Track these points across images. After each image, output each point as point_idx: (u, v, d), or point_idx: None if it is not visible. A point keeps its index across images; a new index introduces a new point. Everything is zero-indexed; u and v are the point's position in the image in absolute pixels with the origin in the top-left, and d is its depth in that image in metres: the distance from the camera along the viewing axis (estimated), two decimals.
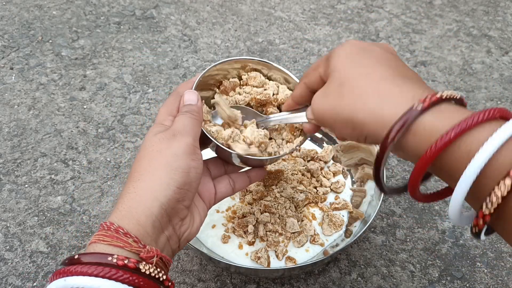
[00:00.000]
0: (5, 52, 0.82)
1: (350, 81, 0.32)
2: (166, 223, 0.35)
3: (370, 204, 0.55)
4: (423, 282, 0.54)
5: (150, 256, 0.32)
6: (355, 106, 0.32)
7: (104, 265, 0.30)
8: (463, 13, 0.93)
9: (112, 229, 0.32)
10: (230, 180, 0.45)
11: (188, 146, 0.36)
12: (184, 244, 0.39)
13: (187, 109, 0.39)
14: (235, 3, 0.94)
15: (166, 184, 0.34)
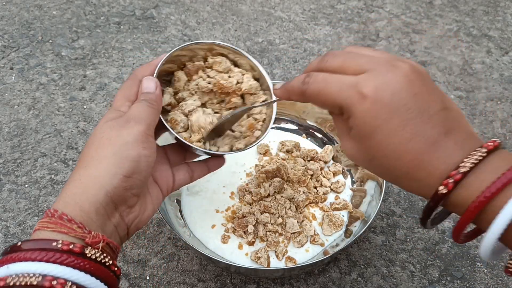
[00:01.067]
0: (5, 52, 0.82)
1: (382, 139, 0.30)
2: (112, 210, 0.35)
3: (370, 204, 0.55)
4: (423, 282, 0.54)
5: (95, 241, 0.32)
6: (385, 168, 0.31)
7: (48, 250, 0.30)
8: (463, 13, 0.93)
9: (55, 216, 0.32)
10: (188, 169, 0.44)
11: (140, 133, 0.36)
12: (134, 231, 0.38)
13: (144, 97, 0.38)
14: (235, 3, 0.94)
15: (113, 173, 0.34)
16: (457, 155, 0.28)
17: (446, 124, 0.29)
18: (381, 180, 0.55)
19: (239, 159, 0.63)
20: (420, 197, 0.62)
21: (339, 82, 0.31)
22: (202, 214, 0.56)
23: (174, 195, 0.58)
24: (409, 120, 0.29)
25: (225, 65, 0.46)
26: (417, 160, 0.29)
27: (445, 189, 0.28)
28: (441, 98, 0.30)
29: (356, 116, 0.30)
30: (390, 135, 0.29)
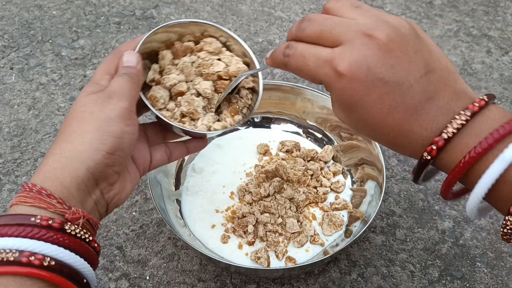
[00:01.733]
0: (5, 52, 0.82)
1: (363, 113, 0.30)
2: (93, 186, 0.34)
3: (370, 204, 0.55)
4: (423, 282, 0.54)
5: (75, 217, 0.31)
6: (371, 136, 0.32)
7: (26, 225, 0.29)
8: (463, 13, 0.93)
9: (34, 190, 0.31)
10: (167, 149, 0.43)
11: (123, 110, 0.35)
12: (112, 209, 0.37)
13: (125, 71, 0.37)
14: (235, 3, 0.94)
15: (95, 148, 0.33)
16: (440, 121, 0.28)
17: (428, 89, 0.29)
18: (381, 180, 0.55)
19: (239, 159, 0.63)
20: (420, 197, 0.62)
21: (315, 58, 0.31)
22: (202, 214, 0.56)
23: (174, 195, 0.58)
24: (386, 94, 0.29)
25: (216, 45, 0.45)
26: (398, 130, 0.29)
27: (429, 155, 0.28)
28: (424, 61, 0.29)
29: (335, 92, 0.31)
30: (368, 110, 0.30)
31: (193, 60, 0.44)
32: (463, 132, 0.27)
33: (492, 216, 0.60)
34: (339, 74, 0.29)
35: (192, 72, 0.44)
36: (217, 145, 0.65)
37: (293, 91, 0.64)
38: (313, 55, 0.31)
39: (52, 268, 0.28)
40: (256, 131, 0.67)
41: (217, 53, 0.45)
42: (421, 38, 0.30)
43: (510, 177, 0.26)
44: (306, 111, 0.66)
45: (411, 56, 0.29)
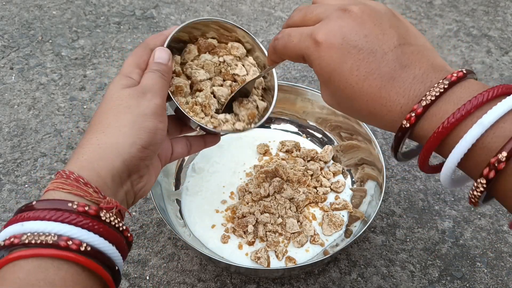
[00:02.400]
0: (5, 52, 0.82)
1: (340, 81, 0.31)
2: (125, 178, 0.35)
3: (370, 204, 0.55)
4: (423, 282, 0.54)
5: (110, 207, 0.32)
6: (351, 109, 0.32)
7: (64, 210, 0.30)
8: (463, 13, 0.93)
9: (71, 178, 0.32)
10: (187, 142, 0.45)
11: (157, 107, 0.36)
12: (138, 199, 0.39)
13: (157, 67, 0.39)
14: (235, 3, 0.94)
15: (131, 142, 0.34)
16: (417, 89, 0.29)
17: (403, 59, 0.29)
18: (381, 180, 0.55)
19: (239, 159, 0.63)
20: (420, 197, 0.62)
21: (299, 34, 0.33)
22: (202, 214, 0.56)
23: (174, 195, 0.58)
24: (361, 60, 0.30)
25: (242, 51, 0.46)
26: (376, 97, 0.30)
27: (407, 122, 0.28)
28: (399, 34, 0.30)
29: (314, 63, 0.32)
30: (345, 77, 0.30)
31: (214, 60, 0.46)
32: (442, 100, 0.28)
33: (492, 216, 0.61)
34: (317, 43, 0.31)
35: (212, 70, 0.45)
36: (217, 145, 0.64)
37: (293, 91, 0.64)
38: (298, 33, 0.33)
39: (88, 253, 0.29)
40: (256, 131, 0.67)
41: (241, 58, 0.46)
42: (398, 18, 0.32)
43: (487, 143, 0.26)
44: (306, 111, 0.66)
45: (385, 28, 0.31)
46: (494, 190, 0.26)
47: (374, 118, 0.31)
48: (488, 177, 0.25)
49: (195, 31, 0.45)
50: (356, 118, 0.34)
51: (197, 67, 0.45)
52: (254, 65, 0.47)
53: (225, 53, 0.46)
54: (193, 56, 0.45)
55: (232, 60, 0.46)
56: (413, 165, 0.66)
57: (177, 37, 0.44)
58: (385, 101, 0.30)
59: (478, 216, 0.60)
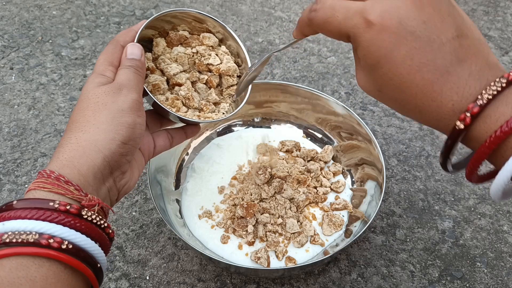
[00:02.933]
0: (5, 52, 0.82)
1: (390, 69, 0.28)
2: (107, 175, 0.35)
3: (370, 204, 0.55)
4: (423, 282, 0.54)
5: (91, 204, 0.32)
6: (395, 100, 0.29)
7: (45, 209, 0.30)
8: None
9: (52, 177, 0.32)
10: (168, 135, 0.45)
11: (134, 102, 0.37)
12: (122, 196, 0.39)
13: (130, 63, 0.39)
14: (235, 3, 0.94)
15: (111, 138, 0.35)
16: (472, 86, 0.26)
17: (460, 52, 0.27)
18: (381, 180, 0.55)
19: (238, 159, 0.63)
20: (420, 197, 0.62)
21: (345, 9, 0.29)
22: (202, 214, 0.56)
23: (174, 195, 0.58)
24: (417, 49, 0.27)
25: (214, 39, 0.47)
26: (427, 91, 0.27)
27: (462, 123, 0.26)
28: (457, 24, 0.28)
29: (362, 45, 0.29)
30: (397, 66, 0.28)
31: (188, 52, 0.46)
32: (499, 101, 0.25)
33: (492, 216, 0.61)
34: (369, 23, 0.28)
35: (186, 62, 0.46)
36: (217, 145, 0.65)
37: (293, 91, 0.64)
38: (343, 7, 0.30)
39: (70, 251, 0.29)
40: (256, 131, 0.67)
41: (214, 47, 0.46)
42: (454, 5, 0.29)
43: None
44: (306, 111, 0.66)
45: (444, 16, 0.28)
46: None
47: (420, 113, 0.29)
48: None
49: (165, 25, 0.46)
50: (398, 110, 0.31)
51: (170, 60, 0.45)
52: (227, 53, 0.47)
53: (197, 44, 0.46)
54: (162, 48, 0.45)
55: (205, 50, 0.46)
56: (413, 165, 0.66)
57: (146, 35, 0.44)
58: (436, 96, 0.27)
59: (478, 216, 0.60)
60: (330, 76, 0.79)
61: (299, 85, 0.64)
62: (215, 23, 0.46)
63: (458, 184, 0.64)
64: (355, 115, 0.60)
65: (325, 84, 0.78)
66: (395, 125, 0.71)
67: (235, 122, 0.67)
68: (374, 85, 0.30)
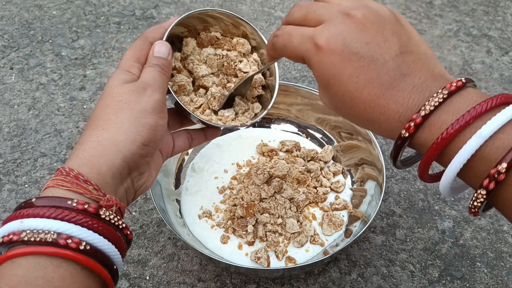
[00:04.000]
0: (5, 52, 0.82)
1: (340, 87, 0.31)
2: (126, 175, 0.35)
3: (370, 204, 0.55)
4: (423, 282, 0.54)
5: (109, 204, 0.32)
6: (349, 115, 0.32)
7: (64, 208, 0.30)
8: (463, 13, 0.93)
9: (71, 175, 0.31)
10: (188, 136, 0.44)
11: (157, 103, 0.36)
12: (139, 195, 0.39)
13: (157, 62, 0.38)
14: (235, 3, 0.94)
15: (132, 139, 0.34)
16: (416, 98, 0.29)
17: (403, 68, 0.29)
18: (381, 180, 0.55)
19: (238, 158, 0.63)
20: (420, 197, 0.62)
21: (300, 35, 0.32)
22: (201, 214, 0.56)
23: (174, 195, 0.58)
24: (362, 68, 0.30)
25: (247, 47, 0.46)
26: (374, 105, 0.30)
27: (406, 132, 0.28)
28: (401, 42, 0.30)
29: (314, 67, 0.32)
30: (345, 84, 0.30)
31: (218, 52, 0.45)
32: (440, 110, 0.28)
33: (492, 216, 0.61)
34: (318, 47, 0.31)
35: (215, 64, 0.45)
36: (217, 144, 0.65)
37: (293, 91, 0.64)
38: (298, 33, 0.33)
39: (87, 252, 0.29)
40: (256, 131, 0.67)
41: (246, 54, 0.46)
42: (401, 24, 0.32)
43: (486, 153, 0.26)
44: (306, 111, 0.66)
45: (387, 36, 0.30)
46: (494, 200, 0.26)
47: (372, 125, 0.31)
48: (488, 188, 0.25)
49: (198, 24, 0.45)
50: (354, 123, 0.34)
51: (199, 62, 0.44)
52: (257, 61, 0.46)
53: (229, 48, 0.46)
54: (191, 48, 0.44)
55: (237, 57, 0.46)
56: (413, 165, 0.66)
57: (175, 32, 0.43)
58: (383, 109, 0.29)
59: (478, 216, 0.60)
60: None
61: (299, 85, 0.64)
62: (252, 30, 0.45)
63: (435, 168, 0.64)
64: None
65: None
66: None
67: None
68: (330, 102, 0.33)
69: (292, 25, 0.34)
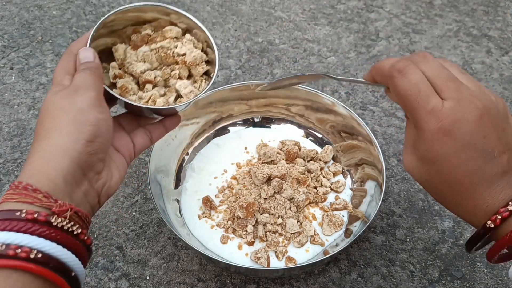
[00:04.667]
0: (5, 52, 0.82)
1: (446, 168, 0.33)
2: (80, 177, 0.35)
3: (370, 204, 0.55)
4: (423, 282, 0.54)
5: (62, 210, 0.31)
6: (439, 190, 0.35)
7: (12, 219, 0.29)
8: (463, 13, 0.93)
9: (20, 187, 0.31)
10: (146, 131, 0.44)
11: (92, 99, 0.36)
12: (105, 199, 0.38)
13: (84, 66, 0.38)
14: (235, 3, 0.94)
15: (75, 139, 0.34)
16: (507, 193, 0.32)
17: (505, 166, 0.33)
18: (381, 180, 0.54)
19: (238, 158, 0.63)
20: (420, 197, 0.62)
21: (427, 99, 0.33)
22: (201, 214, 0.56)
23: (173, 195, 0.58)
24: (474, 158, 0.32)
25: (176, 30, 0.45)
26: (470, 192, 0.33)
27: (492, 223, 0.32)
28: (508, 141, 0.33)
29: (426, 140, 0.33)
30: (454, 167, 0.33)
31: (152, 48, 0.45)
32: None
33: None
34: (440, 127, 0.32)
35: (154, 59, 0.45)
36: (216, 144, 0.65)
37: (293, 91, 0.64)
38: (426, 95, 0.33)
39: (39, 260, 0.29)
40: (256, 131, 0.67)
41: (178, 38, 0.46)
42: (508, 120, 0.35)
43: None
44: (306, 111, 0.66)
45: (500, 132, 0.33)
46: None
47: (458, 207, 0.35)
48: None
49: (128, 30, 0.45)
50: (436, 198, 0.36)
51: (136, 62, 0.44)
52: (191, 40, 0.46)
53: (162, 39, 0.45)
54: (122, 52, 0.44)
55: (169, 43, 0.45)
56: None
57: (108, 46, 0.44)
58: (476, 197, 0.33)
59: None
60: None
61: (299, 85, 0.64)
62: (178, 15, 0.45)
63: None
64: (355, 115, 0.60)
65: (325, 84, 0.78)
66: (395, 125, 0.71)
67: (235, 121, 0.67)
68: (424, 174, 0.35)
69: (422, 75, 0.34)
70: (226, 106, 0.66)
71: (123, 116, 0.45)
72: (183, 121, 0.62)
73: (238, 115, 0.67)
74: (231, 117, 0.67)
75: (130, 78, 0.44)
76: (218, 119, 0.66)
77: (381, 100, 0.75)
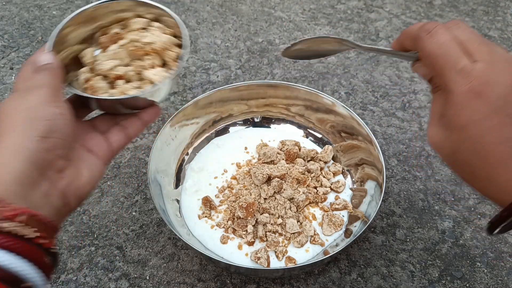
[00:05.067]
0: (5, 52, 0.82)
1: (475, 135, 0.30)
2: (37, 177, 0.32)
3: (370, 204, 0.55)
4: (423, 282, 0.54)
5: (14, 214, 0.28)
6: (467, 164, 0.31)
7: None
8: (463, 13, 0.93)
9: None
10: (120, 128, 0.42)
11: (45, 95, 0.34)
12: (76, 200, 0.36)
13: (43, 68, 0.36)
14: (235, 3, 0.94)
15: (28, 137, 0.32)
16: None
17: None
18: (381, 180, 0.54)
19: (238, 158, 0.63)
20: (420, 197, 0.62)
21: (457, 58, 0.31)
22: (201, 214, 0.56)
23: (173, 195, 0.58)
24: (507, 124, 0.29)
25: (142, 21, 0.44)
26: (504, 163, 0.29)
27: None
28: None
29: (455, 104, 0.30)
30: (484, 133, 0.29)
31: (122, 44, 0.43)
32: None
33: (492, 216, 0.60)
34: (472, 88, 0.30)
35: (124, 55, 0.43)
36: (217, 144, 0.65)
37: (293, 91, 0.64)
38: (456, 55, 0.31)
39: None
40: (256, 131, 0.67)
41: (146, 28, 0.44)
42: None
43: None
44: (306, 111, 0.66)
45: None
46: None
47: (488, 182, 0.31)
48: None
49: (97, 32, 0.44)
50: (464, 174, 0.33)
51: (105, 61, 0.43)
52: (161, 27, 0.44)
53: (128, 33, 0.44)
54: (90, 56, 0.43)
55: (137, 35, 0.43)
56: (413, 165, 0.66)
57: (75, 54, 0.43)
58: (509, 170, 0.29)
59: (478, 216, 0.60)
60: (330, 76, 0.79)
61: (299, 85, 0.64)
62: (145, 7, 0.44)
63: (458, 184, 0.64)
64: (355, 115, 0.60)
65: (325, 84, 0.78)
66: (395, 125, 0.71)
67: (235, 121, 0.67)
68: (450, 146, 0.32)
69: (452, 35, 0.32)
70: (226, 106, 0.66)
71: (98, 117, 0.43)
72: (183, 121, 0.62)
73: (238, 115, 0.67)
74: (231, 117, 0.67)
75: (99, 77, 0.42)
76: (218, 119, 0.66)
77: (381, 100, 0.75)
